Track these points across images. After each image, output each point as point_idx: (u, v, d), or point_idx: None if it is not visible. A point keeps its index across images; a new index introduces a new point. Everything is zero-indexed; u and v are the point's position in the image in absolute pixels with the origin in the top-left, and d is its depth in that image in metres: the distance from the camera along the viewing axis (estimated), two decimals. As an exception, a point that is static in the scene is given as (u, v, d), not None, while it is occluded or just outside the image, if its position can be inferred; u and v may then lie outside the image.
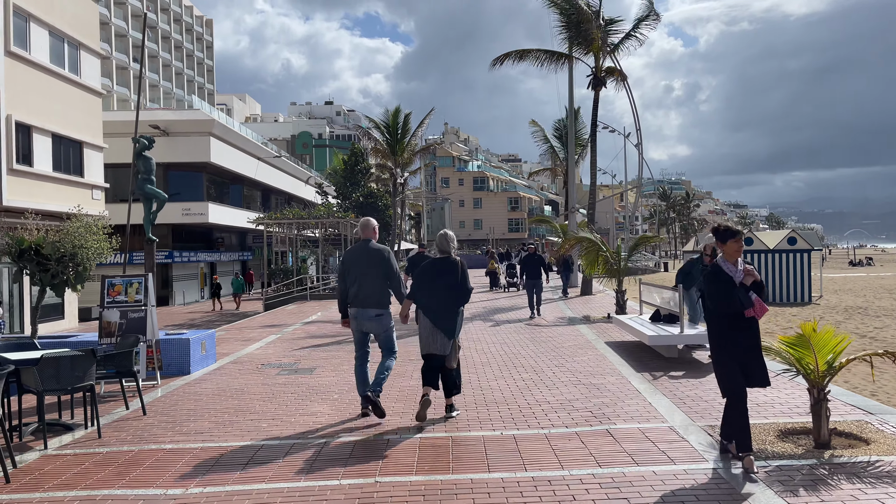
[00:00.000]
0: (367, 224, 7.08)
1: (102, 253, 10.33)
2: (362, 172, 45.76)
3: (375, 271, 6.73)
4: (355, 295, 6.78)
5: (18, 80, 19.84)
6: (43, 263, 9.84)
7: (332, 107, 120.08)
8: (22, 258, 9.79)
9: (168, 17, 76.42)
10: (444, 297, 6.54)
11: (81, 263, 10.00)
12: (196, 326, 22.53)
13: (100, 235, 10.38)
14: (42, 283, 9.88)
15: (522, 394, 7.82)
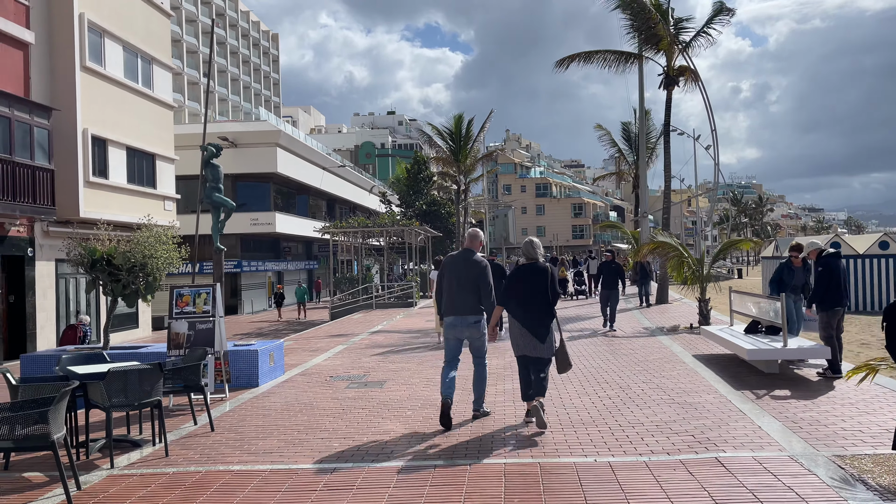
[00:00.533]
0: (476, 235, 7.28)
1: (172, 263, 10.20)
2: (425, 180, 45.58)
3: (472, 280, 6.87)
4: (452, 302, 6.93)
5: (94, 94, 20.36)
6: (114, 274, 9.77)
7: (393, 117, 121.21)
8: (94, 268, 9.74)
9: (236, 33, 78.57)
10: (535, 302, 6.69)
11: (151, 273, 9.89)
12: (264, 336, 22.59)
13: (169, 245, 10.26)
14: (113, 293, 9.81)
15: (612, 413, 7.16)
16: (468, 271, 6.89)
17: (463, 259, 7.00)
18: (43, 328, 19.02)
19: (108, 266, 9.73)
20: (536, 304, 6.68)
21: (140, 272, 9.75)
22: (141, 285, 9.82)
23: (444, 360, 7.05)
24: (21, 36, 17.90)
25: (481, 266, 6.94)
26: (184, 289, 8.52)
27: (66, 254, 9.90)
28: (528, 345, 6.65)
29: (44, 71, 19.03)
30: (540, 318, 6.67)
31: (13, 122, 16.52)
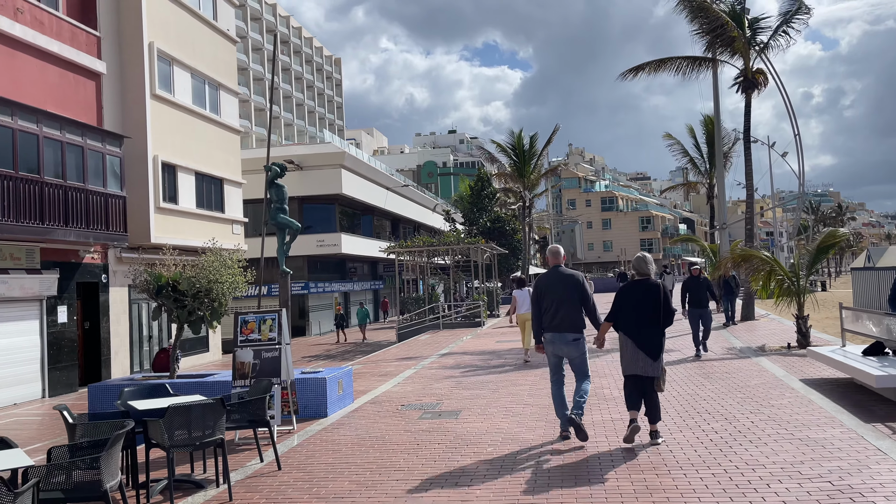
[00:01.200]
0: (557, 251, 7.30)
1: (237, 287, 9.84)
2: (489, 197, 45.00)
3: (571, 296, 6.91)
4: (551, 320, 6.96)
5: (163, 121, 20.67)
6: (180, 300, 9.46)
7: (455, 135, 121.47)
8: (160, 295, 9.46)
9: (300, 59, 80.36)
10: (647, 318, 6.65)
11: (217, 299, 9.54)
12: (332, 359, 22.30)
13: (234, 269, 9.91)
14: (179, 319, 9.51)
15: (723, 452, 6.27)
16: (565, 287, 6.95)
17: (557, 277, 7.07)
18: (117, 353, 19.22)
19: (174, 292, 9.44)
20: (650, 322, 6.63)
21: (205, 298, 9.43)
22: (206, 312, 9.48)
23: (550, 377, 7.25)
24: (93, 66, 18.30)
25: (577, 278, 7.03)
26: (249, 315, 8.10)
27: (133, 280, 9.68)
28: (640, 363, 6.59)
29: (115, 100, 19.41)
30: (653, 336, 6.62)
31: (86, 151, 16.81)
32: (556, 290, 6.96)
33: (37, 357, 16.40)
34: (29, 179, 14.84)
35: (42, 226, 15.22)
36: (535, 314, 7.13)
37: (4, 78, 15.45)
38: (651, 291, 6.67)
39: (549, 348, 7.02)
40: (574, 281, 6.98)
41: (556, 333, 6.91)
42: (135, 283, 9.61)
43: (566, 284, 6.96)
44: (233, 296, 9.94)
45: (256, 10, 69.29)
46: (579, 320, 6.92)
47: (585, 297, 6.94)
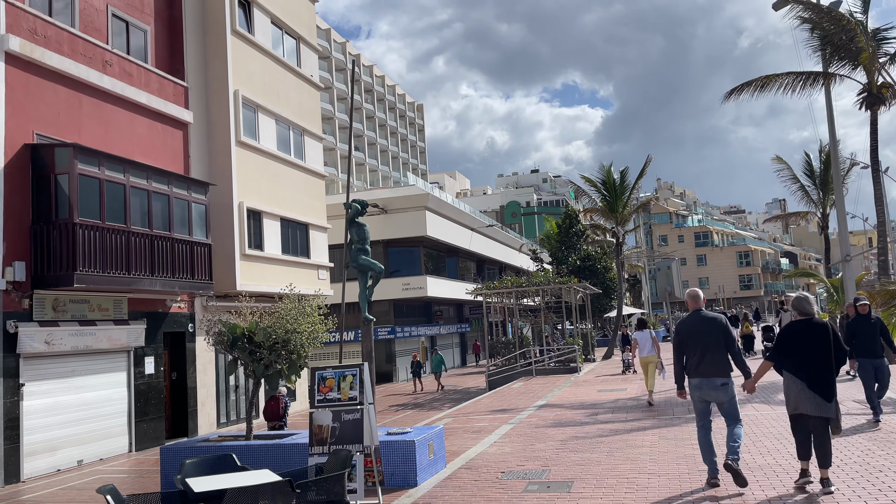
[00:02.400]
0: (697, 295, 7.25)
1: (317, 337, 8.92)
2: (577, 235, 43.33)
3: (716, 340, 6.85)
4: (697, 365, 6.88)
5: (249, 167, 20.58)
6: (255, 352, 8.60)
7: (537, 175, 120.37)
8: (234, 347, 8.64)
9: (384, 107, 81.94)
10: (819, 359, 6.48)
11: (295, 350, 8.63)
12: (419, 408, 21.19)
13: (314, 317, 9.00)
14: (255, 374, 8.66)
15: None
16: (709, 331, 6.89)
17: (700, 320, 7.02)
18: (204, 404, 18.82)
19: (249, 344, 8.60)
20: (821, 362, 6.46)
21: (282, 349, 8.53)
22: (284, 365, 8.58)
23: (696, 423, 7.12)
24: (181, 116, 18.41)
25: (720, 321, 6.97)
26: (327, 371, 7.12)
27: (206, 332, 8.94)
28: (811, 404, 6.38)
29: (201, 148, 19.46)
30: (827, 377, 6.47)
31: (172, 199, 16.72)
32: (700, 334, 6.91)
33: (124, 410, 16.11)
34: (115, 229, 14.72)
35: (128, 275, 15.02)
36: (677, 359, 7.12)
37: (95, 130, 15.57)
38: (821, 331, 6.51)
39: (697, 394, 6.96)
40: (718, 325, 6.93)
41: (703, 379, 6.85)
42: (209, 334, 8.86)
43: (710, 328, 6.91)
44: (312, 346, 9.03)
45: (341, 60, 71.29)
46: (726, 364, 6.86)
47: (730, 340, 6.89)
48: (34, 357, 13.74)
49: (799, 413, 6.46)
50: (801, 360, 6.48)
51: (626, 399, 14.97)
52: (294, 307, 8.70)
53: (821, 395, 6.35)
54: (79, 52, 15.35)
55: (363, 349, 8.53)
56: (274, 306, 8.89)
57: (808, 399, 6.39)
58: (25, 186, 13.86)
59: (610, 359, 30.50)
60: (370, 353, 8.47)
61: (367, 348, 8.53)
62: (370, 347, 8.53)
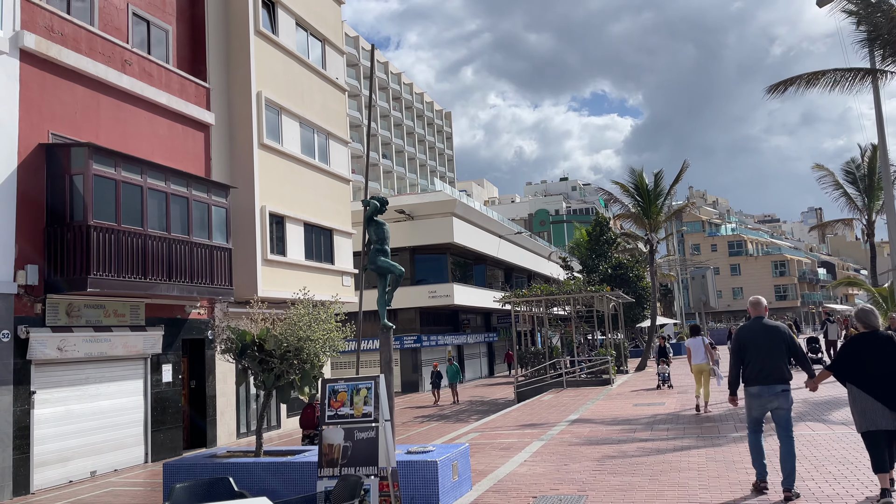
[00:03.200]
0: (759, 303, 7.25)
1: (332, 345, 8.21)
2: (608, 243, 42.21)
3: (778, 348, 6.89)
4: (758, 372, 6.89)
5: (271, 171, 20.10)
6: (266, 361, 7.93)
7: (566, 183, 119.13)
8: (243, 356, 7.98)
9: (412, 115, 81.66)
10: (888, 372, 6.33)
11: (308, 360, 7.93)
12: (445, 419, 20.41)
13: (329, 323, 8.31)
14: (265, 385, 7.99)
15: None
16: (771, 339, 6.91)
17: (762, 328, 7.00)
18: (223, 414, 18.29)
19: (259, 352, 7.93)
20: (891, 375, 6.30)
21: (294, 359, 7.84)
22: (296, 376, 7.89)
23: (748, 428, 7.13)
24: (202, 118, 17.99)
25: (782, 329, 7.02)
26: (338, 384, 6.41)
27: (215, 339, 8.30)
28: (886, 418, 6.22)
29: (223, 150, 19.02)
30: None
31: (191, 202, 16.24)
32: (762, 341, 6.92)
33: (140, 419, 15.61)
34: (131, 232, 14.25)
35: (144, 280, 14.53)
36: (734, 364, 7.14)
37: (113, 130, 15.18)
38: (888, 344, 6.39)
39: (756, 402, 6.96)
40: (780, 333, 6.98)
41: (763, 386, 6.87)
42: (216, 342, 8.22)
43: (772, 336, 6.93)
44: (327, 355, 8.33)
45: (368, 67, 71.13)
46: (786, 372, 6.91)
47: (794, 346, 6.97)
48: (46, 364, 13.29)
49: (873, 429, 6.24)
50: (869, 374, 6.34)
51: (664, 414, 14.03)
52: (307, 313, 8.02)
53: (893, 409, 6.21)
54: (97, 51, 14.98)
55: (382, 359, 7.84)
56: (286, 313, 8.21)
57: (881, 414, 6.24)
58: (40, 187, 13.46)
59: (643, 370, 29.40)
60: (389, 363, 7.77)
61: (385, 358, 7.82)
62: (389, 357, 7.82)
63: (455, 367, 26.50)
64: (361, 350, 9.32)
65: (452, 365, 26.58)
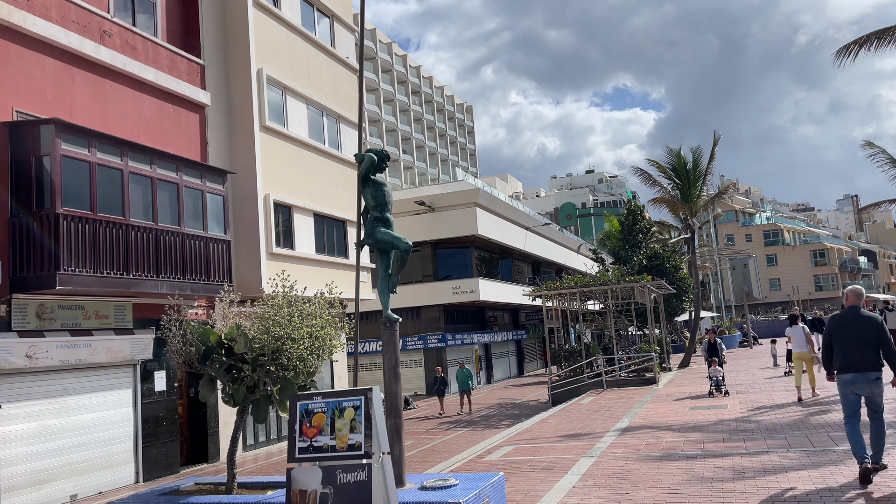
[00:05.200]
0: (858, 292, 7.39)
1: (323, 346, 6.28)
2: (642, 232, 39.85)
3: (871, 337, 6.98)
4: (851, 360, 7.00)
5: (276, 157, 18.31)
6: (235, 368, 6.01)
7: (592, 175, 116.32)
8: (207, 362, 6.07)
9: (432, 109, 79.76)
10: None
11: (291, 366, 5.99)
12: (473, 426, 18.41)
13: (320, 319, 6.36)
14: (234, 399, 6.07)
15: None
16: (864, 328, 7.02)
17: (855, 317, 7.14)
18: (226, 425, 16.49)
19: (227, 357, 6.01)
20: None
21: (271, 364, 5.92)
22: (274, 387, 5.97)
23: (844, 416, 7.22)
24: (196, 97, 16.24)
25: (877, 321, 7.09)
26: (314, 401, 4.45)
27: (168, 340, 6.42)
28: None
29: (221, 133, 17.27)
30: None
31: (181, 188, 14.47)
32: (855, 330, 7.04)
33: (129, 434, 13.87)
34: (110, 222, 12.49)
35: (126, 276, 12.76)
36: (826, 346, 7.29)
37: (91, 108, 13.45)
38: None
39: (849, 388, 7.07)
40: (875, 324, 7.06)
41: (857, 373, 6.99)
42: (170, 345, 6.33)
43: (866, 326, 7.03)
44: (319, 359, 6.39)
45: (387, 61, 69.37)
46: (878, 360, 6.99)
47: (884, 340, 7.00)
48: (13, 374, 11.59)
49: None
50: None
51: (732, 420, 11.89)
52: (286, 304, 6.09)
53: None
54: (70, 20, 13.25)
55: (385, 362, 5.89)
56: (260, 306, 6.29)
57: None
58: (2, 172, 11.76)
59: (687, 367, 27.12)
60: (395, 368, 5.83)
61: (391, 361, 5.87)
62: (395, 359, 5.87)
63: (467, 372, 22.92)
64: (366, 353, 7.17)
65: (464, 369, 23.10)
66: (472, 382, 22.85)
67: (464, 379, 22.61)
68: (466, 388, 22.47)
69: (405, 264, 6.59)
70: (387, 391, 5.89)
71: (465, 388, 22.53)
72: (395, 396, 5.86)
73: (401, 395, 6.06)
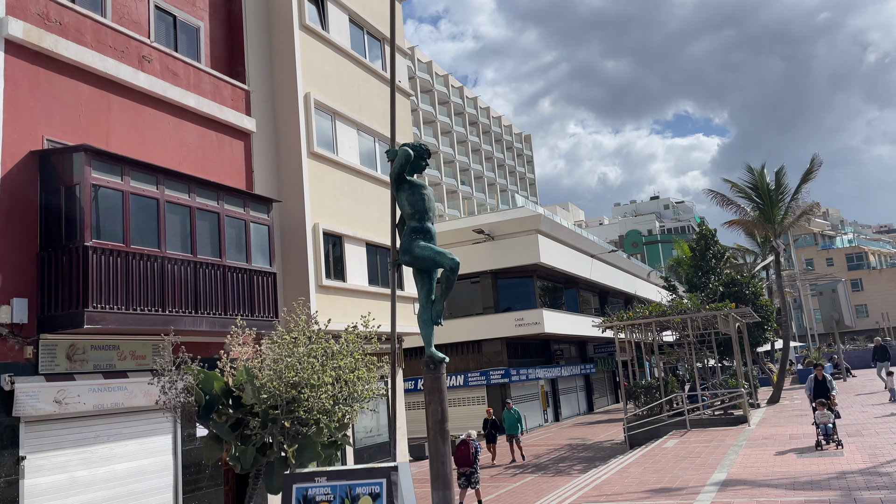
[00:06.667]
0: None
1: (355, 394, 4.95)
2: (716, 257, 37.43)
3: None
4: None
5: (325, 184, 17.39)
6: (243, 423, 4.73)
7: (658, 202, 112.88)
8: (209, 416, 4.83)
9: (490, 139, 79.04)
10: None
11: (311, 421, 4.68)
12: (543, 471, 16.68)
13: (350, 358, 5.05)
14: (241, 463, 4.79)
15: None
16: None
17: None
18: (275, 470, 15.32)
19: (234, 408, 4.76)
20: None
21: (284, 419, 4.61)
22: (290, 448, 4.65)
23: None
24: (240, 124, 15.50)
25: None
26: (316, 485, 3.00)
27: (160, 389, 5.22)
28: None
29: (268, 162, 16.47)
30: None
31: (222, 218, 13.59)
32: None
33: (168, 484, 12.81)
34: (144, 255, 11.63)
35: (162, 313, 11.84)
36: None
37: (128, 137, 12.77)
38: None
39: None
40: None
41: None
42: (164, 393, 5.13)
43: None
44: (352, 409, 5.06)
45: (444, 93, 69.08)
46: None
47: None
48: (40, 421, 10.70)
49: None
50: None
51: (855, 473, 9.92)
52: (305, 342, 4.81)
53: None
54: (107, 45, 12.67)
55: (429, 416, 4.55)
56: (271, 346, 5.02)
57: None
58: (31, 203, 11.07)
59: (777, 403, 24.61)
60: (442, 423, 4.46)
61: (436, 414, 4.48)
62: (442, 413, 4.49)
63: (514, 414, 20.22)
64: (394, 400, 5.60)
65: (511, 411, 20.41)
66: (521, 426, 20.18)
67: (511, 422, 19.98)
68: (514, 433, 19.84)
69: (452, 287, 5.24)
70: (431, 453, 4.53)
71: (512, 433, 19.92)
72: (442, 462, 4.48)
73: (449, 455, 4.68)
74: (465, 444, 13.37)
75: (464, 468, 13.19)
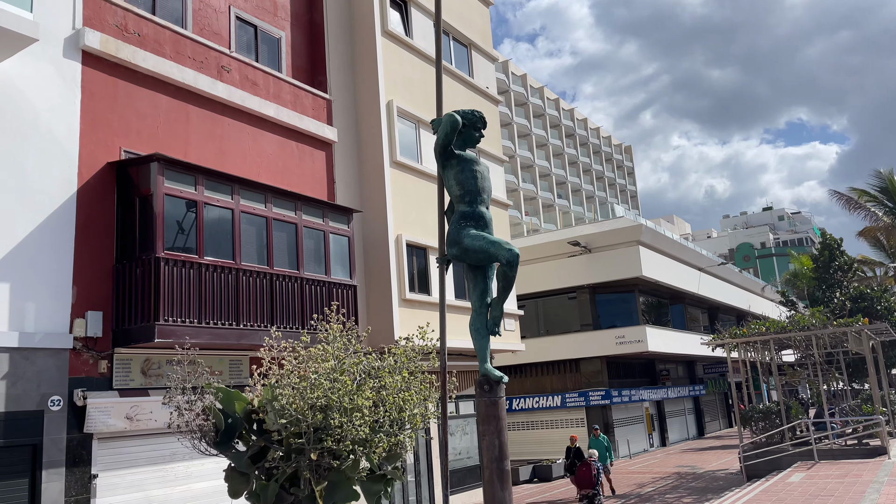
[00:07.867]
0: None
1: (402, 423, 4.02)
2: (842, 269, 34.02)
3: None
4: None
5: (409, 194, 16.73)
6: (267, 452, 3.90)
7: (771, 213, 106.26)
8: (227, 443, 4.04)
9: (587, 151, 76.96)
10: None
11: (345, 452, 3.78)
12: (647, 501, 15.11)
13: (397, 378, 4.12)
14: (261, 500, 3.95)
15: None
16: None
17: None
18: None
19: (257, 434, 3.94)
20: None
21: (314, 448, 3.74)
22: (319, 485, 3.78)
23: None
24: (322, 134, 15.11)
25: None
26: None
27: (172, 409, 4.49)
28: None
29: (350, 172, 16.02)
30: None
31: (300, 229, 13.13)
32: None
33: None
34: (218, 266, 11.27)
35: (237, 327, 11.42)
36: None
37: (206, 147, 12.57)
38: None
39: None
40: None
41: None
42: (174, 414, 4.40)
43: None
44: (403, 437, 4.12)
45: (539, 106, 67.81)
46: None
47: None
48: (113, 438, 10.46)
49: None
50: None
51: None
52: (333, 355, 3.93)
53: None
54: (186, 55, 12.55)
55: (484, 451, 3.56)
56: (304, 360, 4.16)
57: None
58: (108, 215, 10.94)
59: (922, 433, 21.57)
60: (500, 460, 3.48)
61: (492, 450, 3.49)
62: (500, 446, 3.49)
63: (604, 442, 18.03)
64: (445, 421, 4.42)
65: (598, 438, 18.22)
66: (609, 456, 17.87)
67: (600, 451, 17.27)
68: (604, 463, 17.10)
69: (511, 286, 4.27)
70: (487, 500, 3.53)
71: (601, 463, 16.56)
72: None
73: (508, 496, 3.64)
74: (586, 465, 13.24)
75: (586, 490, 13.06)
